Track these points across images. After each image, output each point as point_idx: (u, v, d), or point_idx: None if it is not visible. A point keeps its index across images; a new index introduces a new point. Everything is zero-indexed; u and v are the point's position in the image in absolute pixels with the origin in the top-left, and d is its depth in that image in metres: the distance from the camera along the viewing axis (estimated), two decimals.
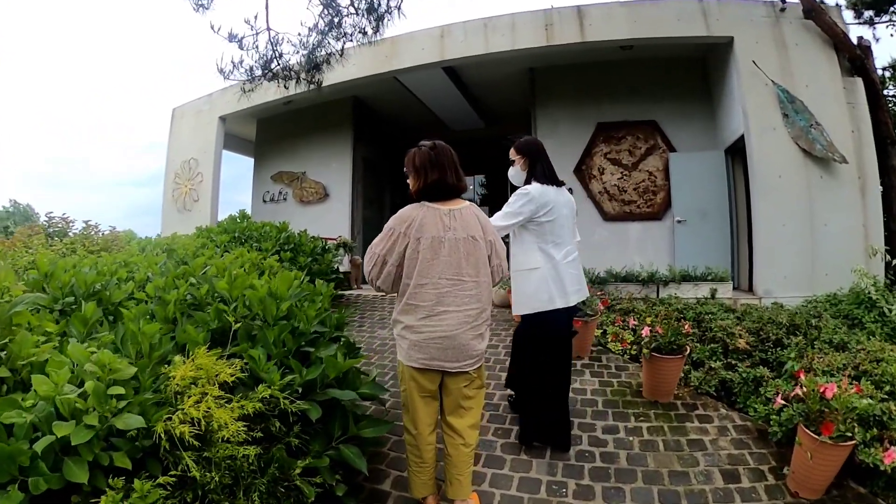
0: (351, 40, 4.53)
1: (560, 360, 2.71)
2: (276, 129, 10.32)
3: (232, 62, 4.37)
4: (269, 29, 4.29)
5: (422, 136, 9.41)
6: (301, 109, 9.77)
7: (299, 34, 4.44)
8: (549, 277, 2.63)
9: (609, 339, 4.27)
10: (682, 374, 3.35)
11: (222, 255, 4.44)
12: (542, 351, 2.69)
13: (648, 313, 4.53)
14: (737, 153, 6.53)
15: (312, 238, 6.46)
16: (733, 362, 3.57)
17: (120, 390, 1.45)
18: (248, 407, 1.72)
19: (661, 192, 7.01)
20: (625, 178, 7.26)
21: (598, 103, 7.46)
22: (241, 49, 4.33)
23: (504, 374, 3.46)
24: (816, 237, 5.56)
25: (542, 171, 2.72)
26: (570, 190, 2.96)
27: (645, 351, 3.23)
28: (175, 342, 1.96)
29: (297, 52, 4.47)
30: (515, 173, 2.84)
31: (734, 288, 5.97)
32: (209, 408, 1.58)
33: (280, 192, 10.01)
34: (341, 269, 7.90)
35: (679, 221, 6.68)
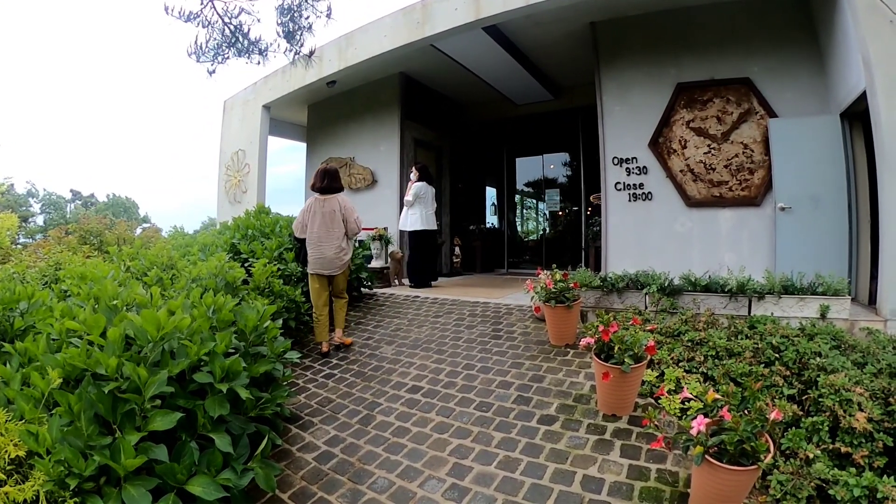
0: None
1: (422, 251, 7.25)
2: (325, 114, 9.84)
3: (196, 43, 3.78)
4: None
5: (485, 112, 9.01)
6: (348, 91, 9.17)
7: None
8: (419, 217, 7.15)
9: (664, 388, 3.11)
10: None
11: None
12: (416, 248, 7.28)
13: (722, 354, 3.35)
14: (856, 118, 4.84)
15: None
16: (845, 450, 2.40)
17: None
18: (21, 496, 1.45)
19: (760, 169, 5.49)
20: (713, 152, 5.80)
21: (676, 60, 6.00)
22: (204, 27, 3.72)
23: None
24: None
25: (425, 178, 7.30)
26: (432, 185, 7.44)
27: (696, 451, 2.07)
28: None
29: (256, 20, 3.82)
30: (414, 177, 7.24)
31: (851, 300, 4.41)
32: None
33: None
34: (377, 264, 7.27)
35: (782, 209, 5.15)
